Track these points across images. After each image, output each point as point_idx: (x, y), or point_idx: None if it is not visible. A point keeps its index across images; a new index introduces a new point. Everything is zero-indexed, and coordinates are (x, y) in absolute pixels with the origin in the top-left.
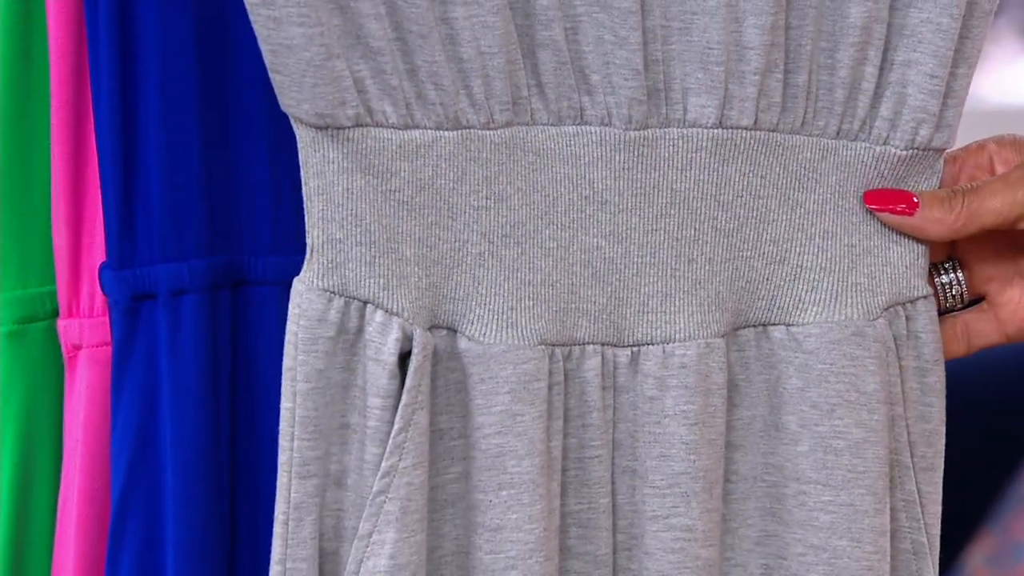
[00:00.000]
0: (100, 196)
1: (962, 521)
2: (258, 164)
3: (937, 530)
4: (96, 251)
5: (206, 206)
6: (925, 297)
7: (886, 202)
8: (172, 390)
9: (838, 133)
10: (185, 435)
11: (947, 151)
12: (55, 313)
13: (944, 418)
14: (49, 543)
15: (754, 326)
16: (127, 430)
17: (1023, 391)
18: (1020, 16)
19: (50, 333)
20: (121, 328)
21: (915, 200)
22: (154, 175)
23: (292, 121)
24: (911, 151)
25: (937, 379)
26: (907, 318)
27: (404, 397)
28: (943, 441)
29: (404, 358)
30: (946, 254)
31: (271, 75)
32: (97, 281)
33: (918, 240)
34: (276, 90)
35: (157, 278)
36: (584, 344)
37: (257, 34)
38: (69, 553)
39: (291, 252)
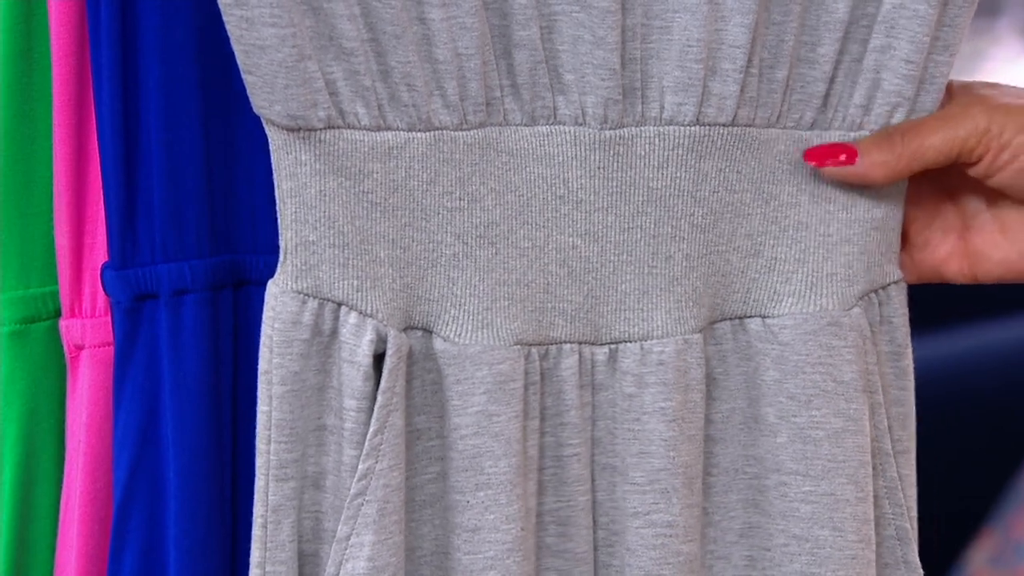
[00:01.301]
0: (102, 196)
1: (963, 521)
2: (259, 164)
3: (915, 513)
4: (98, 251)
5: (207, 206)
6: (896, 282)
7: (825, 156)
8: (174, 390)
9: (812, 124)
10: (187, 435)
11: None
12: (57, 313)
13: (914, 400)
14: (51, 543)
15: (730, 319)
16: (129, 430)
17: (1023, 390)
18: (1021, 17)
19: (52, 333)
20: (123, 328)
21: (854, 148)
22: (155, 175)
23: (264, 123)
24: None
25: (908, 362)
26: (880, 304)
27: (379, 399)
28: (915, 423)
29: (379, 359)
30: None
31: (244, 76)
32: (99, 281)
33: (894, 225)
34: (248, 91)
35: (159, 278)
36: (561, 343)
37: (230, 34)
38: (71, 553)
39: None
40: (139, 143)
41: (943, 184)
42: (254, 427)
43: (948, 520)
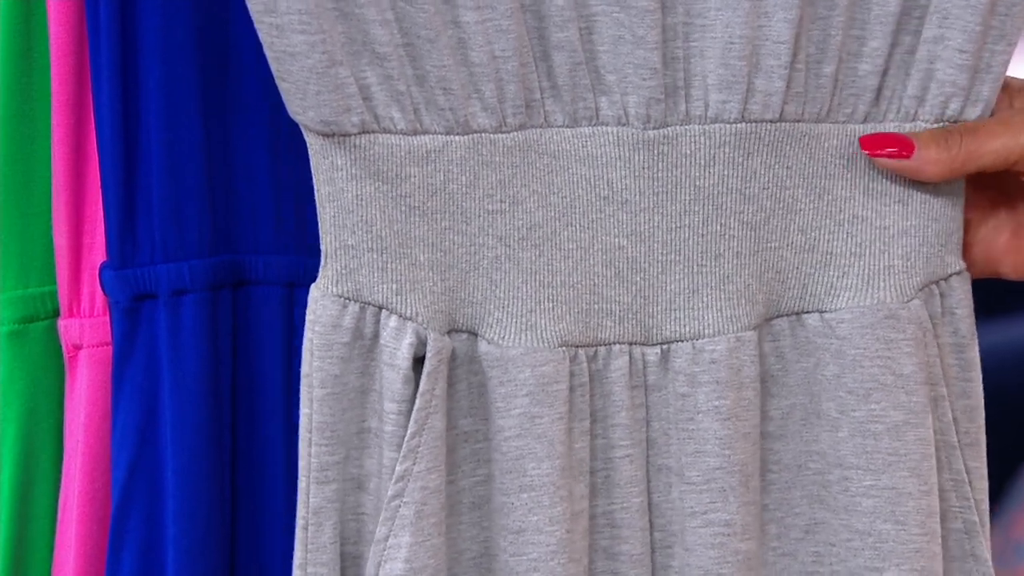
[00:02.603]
0: (101, 196)
1: None
2: (259, 164)
3: (986, 505)
4: (97, 251)
5: (207, 206)
6: (959, 273)
7: (881, 145)
8: (173, 390)
9: (865, 118)
10: (185, 435)
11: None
12: (56, 313)
13: (982, 391)
14: (50, 542)
15: (788, 315)
16: (127, 429)
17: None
18: None
19: (51, 333)
20: (122, 328)
21: (911, 142)
22: (155, 175)
23: (302, 128)
24: (942, 124)
25: (974, 353)
26: (942, 295)
27: (417, 401)
28: (983, 414)
29: (420, 362)
30: None
31: (277, 82)
32: (98, 281)
33: (953, 215)
34: (283, 97)
35: (158, 278)
36: (610, 344)
37: (262, 41)
38: (70, 552)
39: (292, 252)
40: (138, 143)
41: (997, 182)
42: (253, 427)
43: None
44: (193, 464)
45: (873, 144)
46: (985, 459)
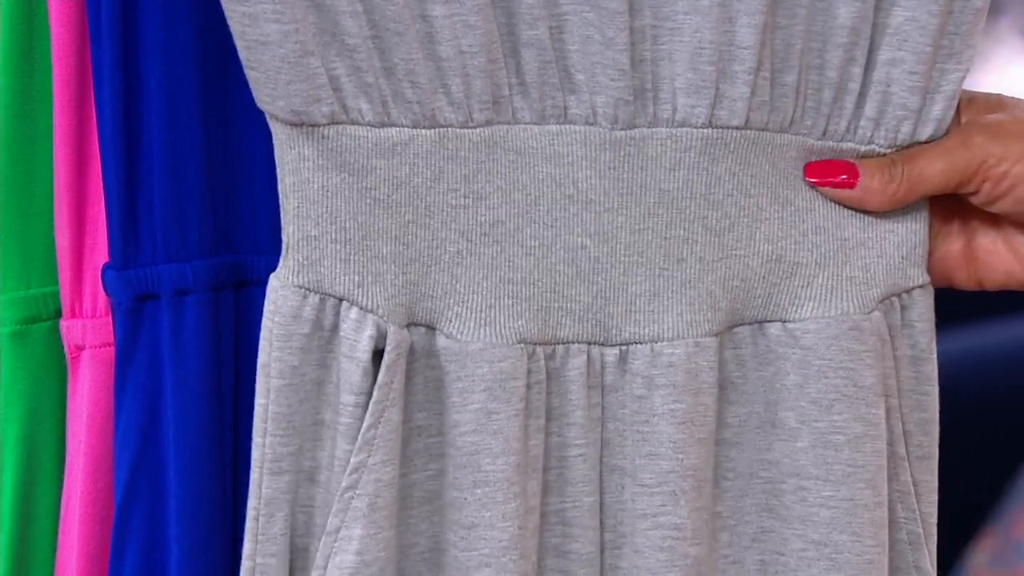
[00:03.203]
0: (103, 197)
1: (965, 520)
2: (259, 165)
3: (934, 519)
4: (99, 251)
5: (208, 207)
6: (921, 286)
7: (826, 175)
8: (175, 390)
9: (824, 134)
10: (188, 434)
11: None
12: (58, 313)
13: (938, 406)
14: (53, 542)
15: (750, 324)
16: (130, 430)
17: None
18: (1022, 17)
19: (53, 334)
20: (124, 328)
21: (857, 170)
22: (157, 176)
23: (268, 118)
24: (895, 148)
25: (932, 367)
26: (903, 307)
27: (376, 394)
28: (937, 429)
29: (379, 355)
30: None
31: (247, 72)
32: (100, 281)
33: (915, 228)
34: (252, 87)
35: (160, 278)
36: (569, 343)
37: (232, 31)
38: (73, 551)
39: None
40: (140, 143)
41: (949, 197)
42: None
43: (949, 520)
44: (195, 464)
45: (818, 172)
46: (936, 473)
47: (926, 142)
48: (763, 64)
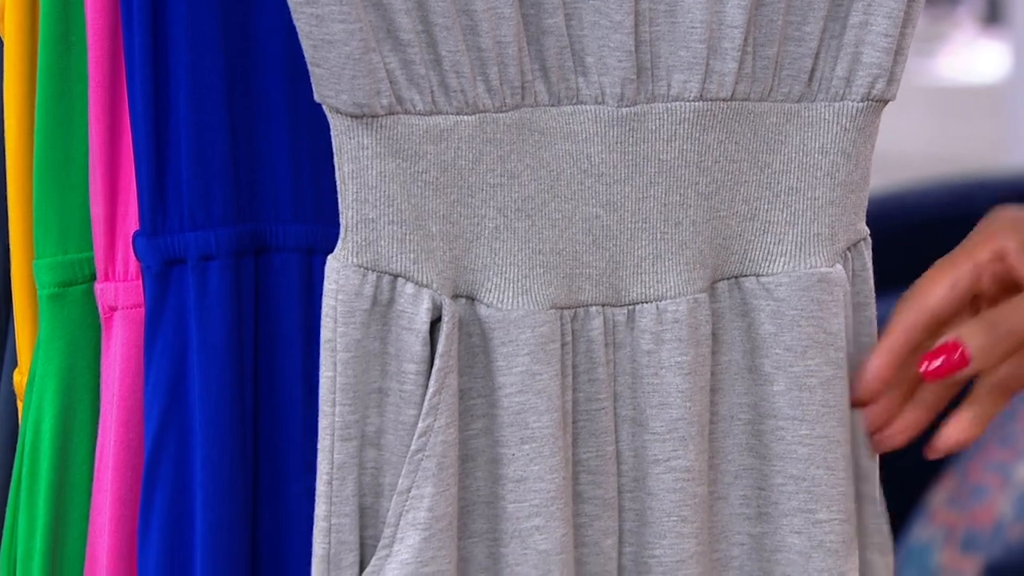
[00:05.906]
0: (134, 169)
1: (927, 466)
2: (279, 141)
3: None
4: (130, 220)
5: (232, 179)
6: (864, 239)
7: (943, 372)
8: (200, 348)
9: (800, 97)
10: (212, 389)
11: (963, 242)
12: (93, 277)
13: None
14: (88, 487)
15: (727, 279)
16: (159, 384)
17: None
18: (978, 4)
19: (88, 295)
20: (153, 291)
21: (964, 349)
22: (184, 150)
23: (327, 110)
24: (866, 103)
25: (872, 312)
26: (853, 259)
27: (437, 362)
28: None
29: (433, 326)
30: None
31: (311, 68)
32: (131, 248)
33: (864, 185)
34: (314, 82)
35: (187, 245)
36: (588, 306)
37: (299, 30)
38: (107, 495)
39: (309, 221)
40: (168, 121)
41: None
42: (274, 382)
43: (912, 466)
44: (219, 415)
45: (937, 373)
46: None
47: (889, 100)
48: (748, 40)
